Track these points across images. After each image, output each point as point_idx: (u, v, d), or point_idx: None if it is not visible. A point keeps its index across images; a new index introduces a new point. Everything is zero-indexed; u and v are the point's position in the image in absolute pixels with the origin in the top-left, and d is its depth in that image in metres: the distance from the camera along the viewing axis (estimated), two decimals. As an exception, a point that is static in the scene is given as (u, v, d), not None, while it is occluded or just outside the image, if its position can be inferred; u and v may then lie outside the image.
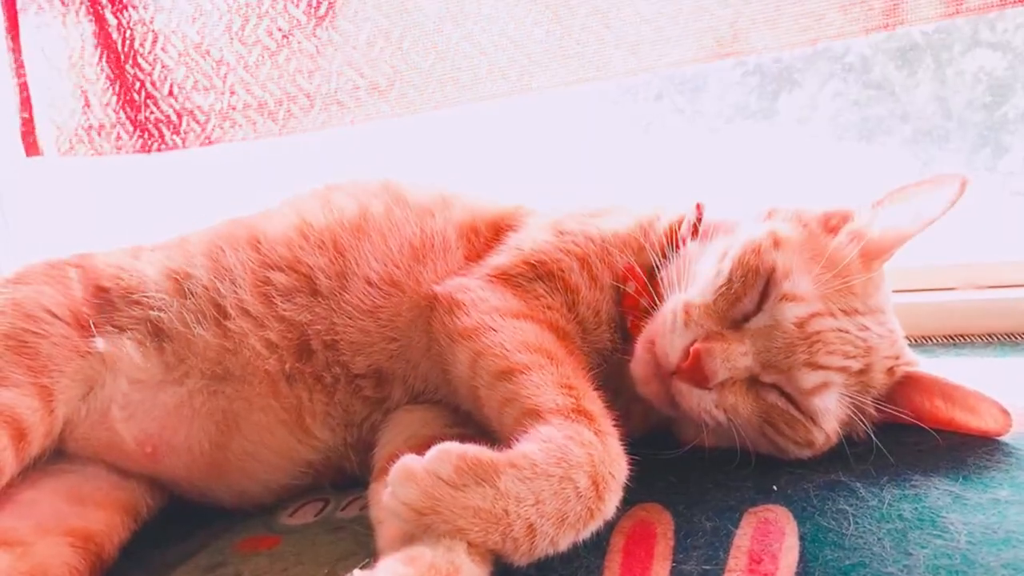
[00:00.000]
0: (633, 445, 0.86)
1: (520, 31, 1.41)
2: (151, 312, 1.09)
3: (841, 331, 0.94)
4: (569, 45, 1.43)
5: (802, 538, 0.82)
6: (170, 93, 1.60)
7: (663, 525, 0.89)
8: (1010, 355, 1.27)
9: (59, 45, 1.64)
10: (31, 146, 1.70)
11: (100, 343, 1.07)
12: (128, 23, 1.59)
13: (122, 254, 1.20)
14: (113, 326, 1.09)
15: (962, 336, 1.37)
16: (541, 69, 1.45)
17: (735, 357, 0.91)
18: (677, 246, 1.07)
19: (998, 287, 1.40)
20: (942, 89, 1.66)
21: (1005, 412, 0.95)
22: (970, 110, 1.65)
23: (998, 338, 1.34)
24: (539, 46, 1.44)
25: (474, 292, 1.03)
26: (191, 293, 1.10)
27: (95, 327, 1.08)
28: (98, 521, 1.00)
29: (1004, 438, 0.97)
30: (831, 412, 0.94)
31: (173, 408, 1.06)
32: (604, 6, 1.38)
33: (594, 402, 0.88)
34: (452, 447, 0.78)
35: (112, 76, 1.62)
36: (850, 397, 0.95)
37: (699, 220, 1.08)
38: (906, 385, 1.00)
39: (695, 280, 0.99)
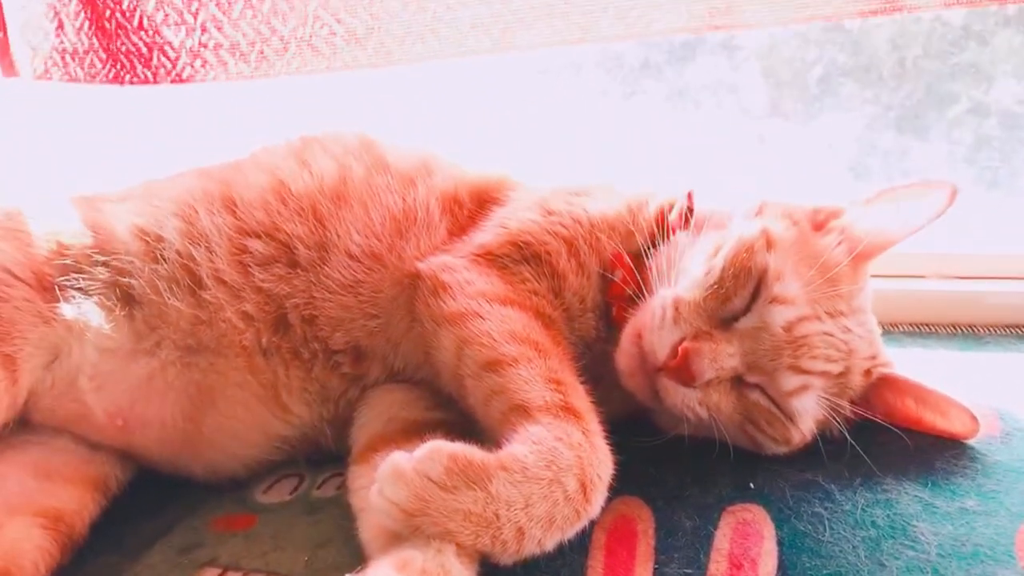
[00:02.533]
0: (612, 433, 0.87)
1: (506, -15, 1.35)
2: (120, 277, 1.04)
3: (826, 335, 0.95)
4: (556, 4, 1.36)
5: (780, 543, 0.85)
6: (139, 26, 1.50)
7: (644, 522, 0.90)
8: (973, 349, 1.31)
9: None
10: (8, 67, 1.58)
11: (66, 309, 1.02)
12: (95, -54, 1.48)
13: (84, 205, 1.13)
14: (78, 289, 1.04)
15: (927, 325, 1.40)
16: (525, 28, 1.38)
17: (723, 358, 0.91)
18: (666, 233, 1.06)
19: (966, 278, 1.43)
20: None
21: (974, 417, 0.98)
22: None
23: (962, 330, 1.38)
24: (524, 3, 1.37)
25: (459, 273, 1.01)
26: (163, 258, 1.05)
27: (59, 290, 1.03)
28: (68, 499, 0.97)
29: (970, 441, 1.00)
30: (809, 413, 0.96)
31: (145, 380, 1.02)
32: (596, -36, 1.32)
33: (581, 398, 0.88)
34: (443, 447, 0.77)
35: (82, 1, 1.51)
36: (828, 398, 0.97)
37: (690, 209, 1.07)
38: (880, 385, 1.02)
39: (685, 274, 0.98)
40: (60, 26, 1.57)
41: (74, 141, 1.81)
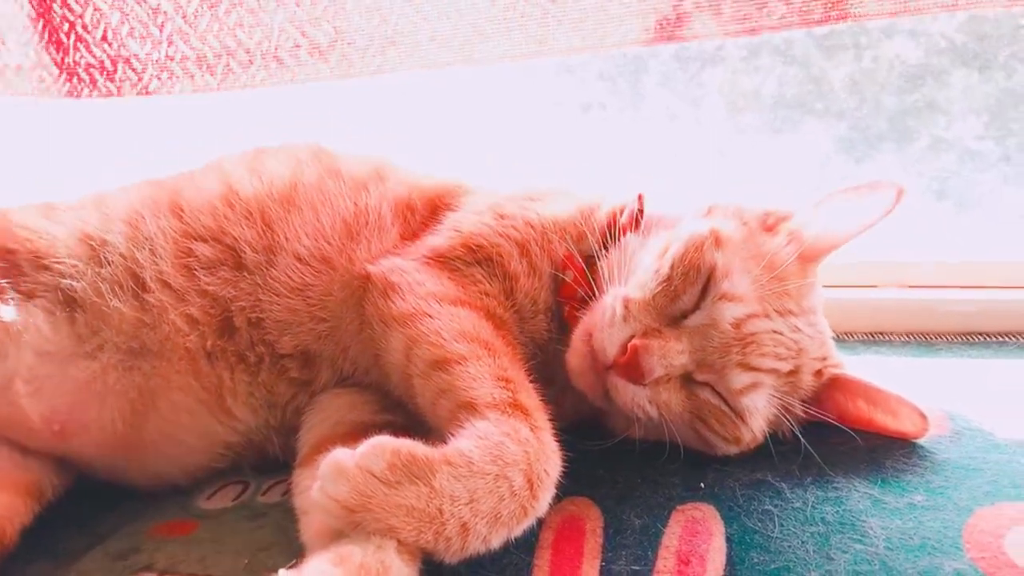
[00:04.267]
0: (563, 434, 0.86)
1: (465, -2, 1.36)
2: (62, 280, 1.02)
3: (775, 332, 0.95)
4: (513, 17, 1.37)
5: (729, 539, 0.84)
6: (103, 38, 1.49)
7: (592, 521, 0.89)
8: (926, 355, 1.32)
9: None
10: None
11: (4, 311, 1.00)
12: (58, -40, 1.48)
13: (32, 212, 1.12)
14: (19, 292, 1.02)
15: (881, 333, 1.41)
16: (483, 40, 1.40)
17: (672, 355, 0.91)
18: (617, 235, 1.06)
19: (919, 287, 1.45)
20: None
21: (923, 416, 0.98)
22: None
23: (915, 337, 1.39)
24: (482, 16, 1.38)
25: (410, 275, 1.00)
26: (107, 261, 1.03)
27: None
28: (-2, 504, 0.94)
29: (920, 441, 1.00)
30: (760, 411, 0.96)
31: (84, 383, 1.00)
32: (551, -24, 1.33)
33: (530, 396, 0.87)
34: (386, 441, 0.76)
35: (33, 16, 1.50)
36: (778, 397, 0.96)
37: (640, 211, 1.08)
38: (831, 386, 1.02)
39: (635, 273, 0.98)
40: (1, 42, 1.56)
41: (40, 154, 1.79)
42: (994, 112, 1.62)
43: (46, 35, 1.54)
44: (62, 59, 1.55)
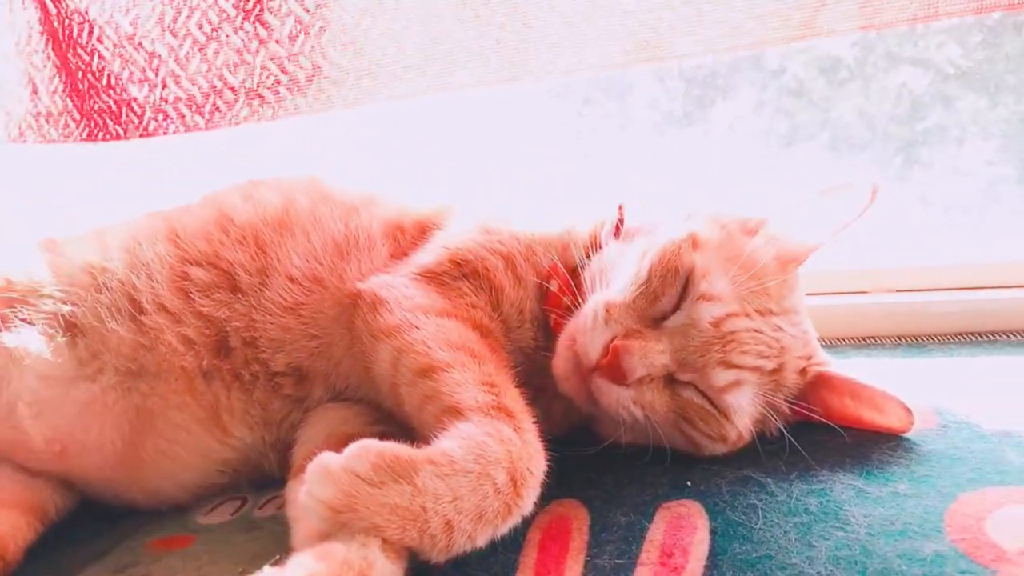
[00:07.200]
0: (553, 443, 0.87)
1: (439, 27, 1.38)
2: (63, 306, 1.06)
3: (756, 331, 0.96)
4: (488, 44, 1.39)
5: (713, 532, 0.85)
6: (108, 84, 1.56)
7: (579, 520, 0.90)
8: (916, 356, 1.33)
9: (5, 31, 1.59)
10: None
11: (7, 338, 1.03)
12: (66, 12, 1.55)
13: (34, 246, 1.16)
14: (22, 320, 1.05)
15: (873, 338, 1.42)
16: (459, 67, 1.42)
17: (652, 355, 0.93)
18: (600, 246, 1.08)
19: (907, 291, 1.46)
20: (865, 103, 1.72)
21: (908, 410, 0.99)
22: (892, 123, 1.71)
23: (906, 340, 1.40)
24: (457, 44, 1.41)
25: (398, 290, 1.02)
26: (106, 287, 1.07)
27: (1, 321, 1.05)
28: (1, 522, 0.97)
29: (907, 434, 1.00)
30: (744, 410, 0.97)
31: (85, 405, 1.03)
32: (524, 4, 1.35)
33: (515, 399, 0.89)
34: (370, 444, 0.78)
35: (58, 64, 1.58)
36: (763, 395, 0.98)
37: (621, 221, 1.10)
38: (817, 384, 1.03)
39: (616, 279, 1.00)
40: (35, 91, 1.63)
41: (49, 196, 1.85)
42: (1006, 136, 1.64)
43: (68, 83, 1.61)
44: (81, 104, 1.62)
